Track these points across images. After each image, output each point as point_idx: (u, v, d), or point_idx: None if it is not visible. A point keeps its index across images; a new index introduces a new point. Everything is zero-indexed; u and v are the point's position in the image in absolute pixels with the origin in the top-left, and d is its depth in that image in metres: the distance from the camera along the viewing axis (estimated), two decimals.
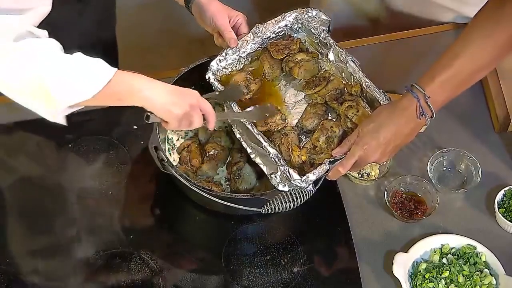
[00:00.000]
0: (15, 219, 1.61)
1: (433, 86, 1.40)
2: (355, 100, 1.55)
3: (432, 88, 1.40)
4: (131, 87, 1.33)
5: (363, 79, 1.55)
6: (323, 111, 1.57)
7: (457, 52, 1.40)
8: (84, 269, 1.53)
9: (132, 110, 1.75)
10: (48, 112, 1.31)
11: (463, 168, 1.67)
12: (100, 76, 1.28)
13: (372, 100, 1.54)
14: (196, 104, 1.39)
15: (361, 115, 1.52)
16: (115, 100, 1.34)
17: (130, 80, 1.33)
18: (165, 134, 1.65)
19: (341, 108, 1.55)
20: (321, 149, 1.51)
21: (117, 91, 1.31)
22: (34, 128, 1.70)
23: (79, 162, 1.68)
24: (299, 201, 1.44)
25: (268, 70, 1.61)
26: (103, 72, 1.29)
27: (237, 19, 1.58)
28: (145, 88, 1.33)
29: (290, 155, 1.50)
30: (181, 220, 1.63)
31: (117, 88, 1.30)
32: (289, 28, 1.63)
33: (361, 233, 1.59)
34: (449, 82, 1.40)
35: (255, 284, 1.53)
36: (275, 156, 1.45)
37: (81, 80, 1.27)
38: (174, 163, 1.60)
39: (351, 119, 1.52)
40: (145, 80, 1.34)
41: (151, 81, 1.34)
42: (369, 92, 1.54)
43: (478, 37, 1.38)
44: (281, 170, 1.43)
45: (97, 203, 1.63)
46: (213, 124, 1.44)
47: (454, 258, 1.53)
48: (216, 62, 1.58)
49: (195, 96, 1.41)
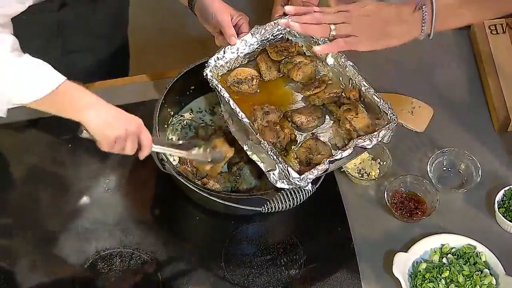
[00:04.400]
0: (14, 219, 1.61)
1: None
2: (353, 104, 1.55)
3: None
4: (73, 101, 1.32)
5: (362, 83, 1.54)
6: (321, 113, 1.57)
7: None
8: (84, 269, 1.53)
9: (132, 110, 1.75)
10: None
11: (463, 168, 1.67)
12: (44, 83, 1.28)
13: (371, 104, 1.54)
14: (133, 131, 1.38)
15: (360, 119, 1.52)
16: (56, 110, 1.33)
17: (75, 94, 1.32)
18: (165, 134, 1.65)
19: (340, 111, 1.55)
20: (318, 151, 1.51)
21: (58, 101, 1.31)
22: (34, 128, 1.70)
23: (79, 162, 1.67)
24: (299, 200, 1.44)
25: (265, 71, 1.61)
26: (48, 79, 1.28)
27: (239, 18, 1.59)
28: (86, 104, 1.33)
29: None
30: (181, 220, 1.63)
31: (58, 99, 1.30)
32: (287, 31, 1.64)
33: (361, 233, 1.59)
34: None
35: (255, 284, 1.53)
36: (274, 154, 1.45)
37: (23, 82, 1.27)
38: (174, 163, 1.60)
39: (350, 121, 1.52)
40: (90, 97, 1.33)
41: (95, 99, 1.34)
42: (368, 96, 1.54)
43: None
44: (280, 168, 1.43)
45: (97, 203, 1.63)
46: (142, 155, 1.43)
47: (454, 258, 1.53)
48: (214, 60, 1.58)
49: (135, 124, 1.39)
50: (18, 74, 1.28)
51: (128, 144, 1.38)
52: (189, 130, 1.67)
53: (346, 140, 1.51)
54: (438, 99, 1.78)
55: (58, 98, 1.30)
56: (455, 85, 1.82)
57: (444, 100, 1.77)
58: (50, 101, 1.30)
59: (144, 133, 1.40)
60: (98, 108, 1.34)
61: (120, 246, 1.56)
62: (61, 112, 1.33)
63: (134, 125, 1.38)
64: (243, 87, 1.58)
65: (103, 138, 1.36)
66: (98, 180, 1.65)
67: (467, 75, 1.84)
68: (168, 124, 1.66)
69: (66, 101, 1.32)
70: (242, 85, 1.58)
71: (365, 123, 1.52)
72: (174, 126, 1.67)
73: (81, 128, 1.35)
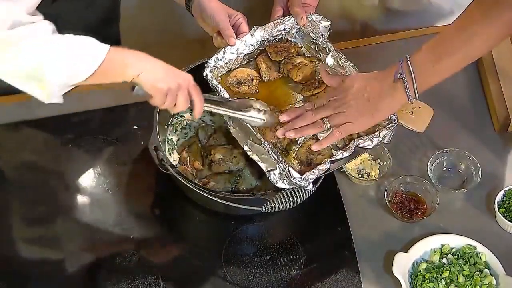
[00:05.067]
0: (14, 219, 1.61)
1: (419, 52, 1.37)
2: None
3: (417, 54, 1.37)
4: (123, 63, 1.34)
5: None
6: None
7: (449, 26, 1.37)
8: (84, 269, 1.53)
9: (132, 110, 1.76)
10: (43, 94, 1.32)
11: (463, 168, 1.67)
12: (94, 56, 1.30)
13: None
14: (185, 85, 1.40)
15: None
16: (108, 78, 1.35)
17: (123, 56, 1.35)
18: (165, 134, 1.65)
19: None
20: (318, 151, 1.51)
21: (110, 68, 1.33)
22: (35, 128, 1.70)
23: (79, 162, 1.67)
24: (299, 200, 1.44)
25: (264, 72, 1.61)
26: (96, 52, 1.31)
27: (237, 18, 1.59)
28: (137, 62, 1.36)
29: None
30: (181, 220, 1.63)
31: (110, 66, 1.32)
32: (287, 32, 1.63)
33: (361, 233, 1.59)
34: (434, 48, 1.36)
35: (255, 284, 1.53)
36: (275, 154, 1.45)
37: (75, 62, 1.29)
38: (174, 163, 1.60)
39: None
40: (137, 55, 1.36)
41: (143, 56, 1.37)
42: None
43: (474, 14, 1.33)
44: (281, 168, 1.43)
45: (97, 203, 1.63)
46: (197, 113, 1.45)
47: (454, 258, 1.53)
48: (214, 60, 1.58)
49: (186, 78, 1.42)
50: (70, 53, 1.29)
51: (179, 98, 1.40)
52: (189, 130, 1.67)
53: (347, 141, 1.51)
54: (438, 99, 1.77)
55: (110, 64, 1.32)
56: (455, 85, 1.82)
57: (444, 100, 1.77)
58: (104, 70, 1.31)
59: (194, 89, 1.43)
60: (148, 63, 1.37)
61: (120, 246, 1.56)
62: (115, 77, 1.36)
63: (186, 79, 1.41)
64: (243, 87, 1.58)
65: (156, 92, 1.38)
66: (98, 180, 1.65)
67: (467, 76, 1.84)
68: (168, 124, 1.66)
69: (117, 65, 1.34)
70: (242, 85, 1.59)
71: None
72: (174, 126, 1.67)
73: (134, 86, 1.37)
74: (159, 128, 1.54)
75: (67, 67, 1.28)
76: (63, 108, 1.72)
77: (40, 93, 1.31)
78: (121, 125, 1.73)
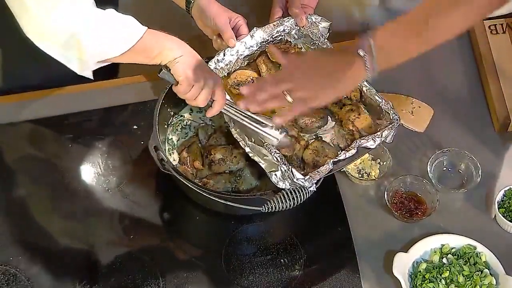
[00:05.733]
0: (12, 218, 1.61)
1: (382, 29, 1.35)
2: (355, 104, 1.55)
3: (379, 31, 1.34)
4: (163, 45, 1.38)
5: (363, 83, 1.54)
6: (323, 114, 1.57)
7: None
8: (84, 269, 1.53)
9: (132, 110, 1.76)
10: (78, 65, 1.34)
11: (463, 168, 1.67)
12: (132, 33, 1.34)
13: (372, 105, 1.54)
14: (211, 84, 1.43)
15: (362, 119, 1.52)
16: (142, 57, 1.39)
17: (164, 39, 1.39)
18: (165, 134, 1.65)
19: (342, 112, 1.55)
20: (325, 153, 1.51)
21: (148, 48, 1.37)
22: (35, 128, 1.70)
23: (79, 162, 1.67)
24: (299, 200, 1.44)
25: (265, 73, 1.61)
26: (134, 30, 1.34)
27: (237, 20, 1.59)
28: (178, 47, 1.40)
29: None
30: (181, 220, 1.63)
31: (148, 46, 1.36)
32: (286, 33, 1.63)
33: (361, 233, 1.59)
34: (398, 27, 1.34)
35: (255, 284, 1.53)
36: (278, 155, 1.45)
37: (113, 36, 1.33)
38: (174, 163, 1.60)
39: (352, 121, 1.52)
40: (178, 41, 1.41)
41: (183, 43, 1.42)
42: (369, 97, 1.54)
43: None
44: (283, 169, 1.43)
45: (97, 203, 1.63)
46: (213, 112, 1.47)
47: (454, 258, 1.53)
48: (214, 62, 1.58)
49: (217, 79, 1.46)
50: (108, 26, 1.32)
51: (203, 93, 1.43)
52: (189, 130, 1.67)
53: (349, 141, 1.51)
54: (438, 99, 1.78)
55: (148, 44, 1.36)
56: (455, 85, 1.82)
57: (444, 100, 1.77)
58: (140, 49, 1.35)
59: (221, 89, 1.46)
60: (189, 52, 1.42)
61: (120, 246, 1.56)
62: (151, 58, 1.39)
63: (215, 79, 1.45)
64: None
65: (184, 80, 1.41)
66: (98, 180, 1.65)
67: (467, 75, 1.84)
68: (168, 124, 1.66)
69: (156, 47, 1.38)
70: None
71: (367, 123, 1.52)
72: (174, 126, 1.67)
73: (162, 69, 1.40)
74: (159, 128, 1.54)
75: (103, 40, 1.32)
76: (63, 108, 1.73)
77: (77, 63, 1.34)
78: (121, 125, 1.73)
